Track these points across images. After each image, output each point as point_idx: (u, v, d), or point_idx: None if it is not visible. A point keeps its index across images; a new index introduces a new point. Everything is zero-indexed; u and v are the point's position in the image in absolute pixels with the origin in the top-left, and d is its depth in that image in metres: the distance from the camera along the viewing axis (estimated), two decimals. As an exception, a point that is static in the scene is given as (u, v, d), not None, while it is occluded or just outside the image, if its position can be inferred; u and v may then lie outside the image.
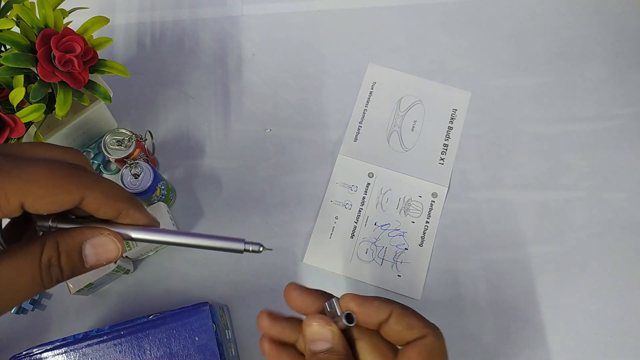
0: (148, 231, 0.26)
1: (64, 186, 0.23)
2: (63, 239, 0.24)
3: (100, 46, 0.49)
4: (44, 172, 0.22)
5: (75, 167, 0.24)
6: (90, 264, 0.25)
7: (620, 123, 0.64)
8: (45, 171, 0.22)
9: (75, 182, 0.23)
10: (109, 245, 0.25)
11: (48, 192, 0.22)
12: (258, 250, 0.27)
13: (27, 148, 0.24)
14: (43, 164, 0.23)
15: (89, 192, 0.24)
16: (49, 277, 0.24)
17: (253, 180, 0.62)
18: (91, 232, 0.25)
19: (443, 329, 0.38)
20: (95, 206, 0.24)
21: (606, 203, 0.61)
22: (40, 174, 0.22)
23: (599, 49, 0.68)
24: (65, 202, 0.23)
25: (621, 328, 0.56)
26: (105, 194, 0.24)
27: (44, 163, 0.23)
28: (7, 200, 0.22)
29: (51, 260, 0.24)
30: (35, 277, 0.23)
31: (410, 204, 0.61)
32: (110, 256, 0.25)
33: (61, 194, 0.23)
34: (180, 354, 0.46)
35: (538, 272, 0.58)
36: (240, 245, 0.27)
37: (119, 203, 0.25)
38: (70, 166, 0.24)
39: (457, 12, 0.70)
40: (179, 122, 0.64)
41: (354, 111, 0.65)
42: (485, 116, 0.65)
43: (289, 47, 0.68)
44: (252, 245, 0.27)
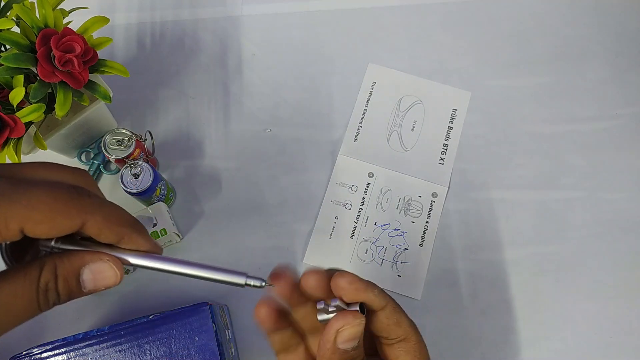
0: (150, 258, 0.26)
1: (64, 211, 0.22)
2: (62, 263, 0.24)
3: (100, 46, 0.49)
4: (44, 197, 0.22)
5: (78, 190, 0.24)
6: (88, 289, 0.25)
7: (620, 123, 0.64)
8: (46, 196, 0.22)
9: (76, 207, 0.23)
10: (107, 272, 0.25)
11: (48, 217, 0.22)
12: (260, 285, 0.27)
13: (30, 169, 0.24)
14: (44, 188, 0.22)
15: (90, 217, 0.23)
16: (45, 301, 0.24)
17: (253, 180, 0.62)
18: (90, 257, 0.25)
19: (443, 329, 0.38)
20: (96, 231, 0.24)
21: (606, 203, 0.61)
22: (40, 198, 0.22)
23: (599, 49, 0.68)
24: (65, 227, 0.23)
25: (621, 328, 0.56)
26: (107, 218, 0.24)
27: (45, 187, 0.22)
28: (6, 226, 0.21)
29: (48, 284, 0.23)
30: (32, 302, 0.23)
31: (410, 204, 0.61)
32: (108, 282, 0.25)
33: (61, 219, 0.22)
34: (180, 354, 0.46)
35: (538, 272, 0.58)
36: (241, 279, 0.27)
37: (121, 228, 0.25)
38: (72, 190, 0.23)
39: (457, 12, 0.70)
40: (179, 122, 0.64)
41: (354, 111, 0.65)
42: (485, 116, 0.65)
43: (289, 47, 0.68)
44: (254, 280, 0.27)
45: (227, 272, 0.27)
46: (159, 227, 0.55)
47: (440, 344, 0.56)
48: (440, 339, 0.56)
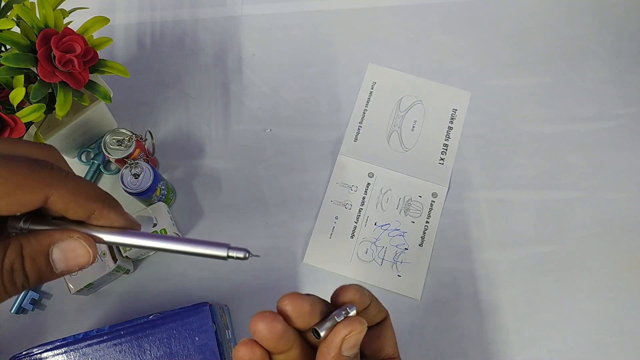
0: (124, 234, 0.24)
1: (24, 184, 0.21)
2: (28, 243, 0.22)
3: (100, 46, 0.49)
4: (1, 171, 0.21)
5: (42, 164, 0.22)
6: (60, 270, 0.23)
7: (620, 123, 0.64)
8: (3, 169, 0.21)
9: (37, 180, 0.21)
10: (79, 250, 0.23)
11: (7, 192, 0.21)
12: (244, 257, 0.25)
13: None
14: (1, 162, 0.21)
15: (54, 190, 0.22)
16: (12, 283, 0.22)
17: (253, 180, 0.62)
18: (60, 235, 0.23)
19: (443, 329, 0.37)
20: (62, 206, 0.22)
21: (606, 203, 0.61)
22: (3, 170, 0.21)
23: (599, 49, 0.68)
24: (27, 202, 0.21)
25: (621, 328, 0.56)
26: (74, 192, 0.22)
27: (3, 161, 0.21)
28: None
29: (14, 265, 0.22)
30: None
31: (410, 204, 0.61)
32: (80, 262, 0.23)
33: (22, 193, 0.21)
34: (180, 354, 0.46)
35: (538, 272, 0.58)
36: (223, 251, 0.25)
37: (89, 202, 0.23)
38: (32, 162, 0.22)
39: (457, 12, 0.70)
40: (179, 122, 0.64)
41: (354, 111, 0.65)
42: (485, 116, 0.65)
43: (289, 47, 0.68)
44: (237, 252, 0.25)
45: (208, 245, 0.24)
46: (159, 227, 0.55)
47: (440, 344, 0.56)
48: (440, 339, 0.56)
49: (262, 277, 0.58)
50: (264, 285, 0.58)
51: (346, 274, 0.58)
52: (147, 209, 0.55)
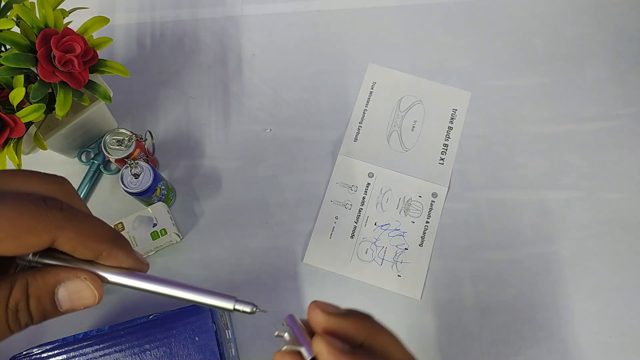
0: (131, 276, 0.24)
1: (30, 227, 0.21)
2: (34, 282, 0.22)
3: (100, 46, 0.49)
4: (8, 213, 0.20)
5: (48, 203, 0.22)
6: (65, 309, 0.23)
7: (620, 123, 0.64)
8: (10, 211, 0.20)
9: (44, 222, 0.21)
10: (84, 291, 0.23)
11: (13, 235, 0.20)
12: (251, 311, 0.24)
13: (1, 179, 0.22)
14: (9, 202, 0.21)
15: (60, 232, 0.21)
16: (16, 322, 0.22)
17: (253, 180, 0.62)
18: (66, 275, 0.23)
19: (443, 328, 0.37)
20: (69, 247, 0.22)
21: (606, 203, 0.61)
22: (3, 214, 0.20)
23: (599, 49, 0.68)
24: (33, 244, 0.21)
25: (621, 328, 0.56)
26: (81, 233, 0.22)
27: (10, 201, 0.21)
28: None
29: (19, 304, 0.22)
30: (2, 324, 0.21)
31: (410, 204, 0.61)
32: (85, 302, 0.23)
33: (27, 236, 0.21)
34: (180, 354, 0.46)
35: (538, 272, 0.58)
36: (230, 304, 0.24)
37: (97, 244, 0.23)
38: (40, 203, 0.21)
39: (457, 12, 0.70)
40: (179, 122, 0.64)
41: (354, 111, 0.65)
42: (485, 116, 0.65)
43: (289, 47, 0.68)
44: (244, 305, 0.24)
45: (215, 296, 0.24)
46: (159, 227, 0.55)
47: (440, 344, 0.56)
48: (440, 339, 0.56)
49: (262, 277, 0.58)
50: (264, 285, 0.58)
51: (346, 274, 0.58)
52: (147, 209, 0.55)
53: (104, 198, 0.61)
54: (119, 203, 0.60)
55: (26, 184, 0.23)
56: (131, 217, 0.55)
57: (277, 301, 0.57)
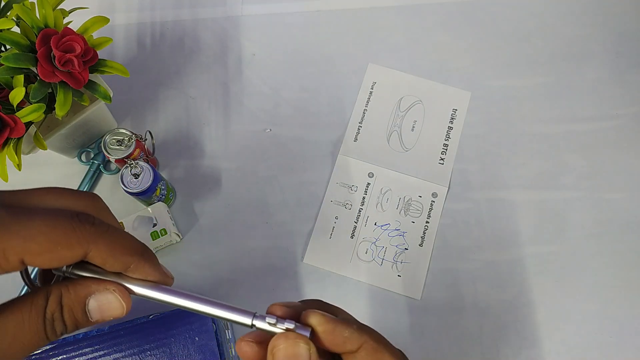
0: (158, 290, 0.25)
1: (64, 241, 0.22)
2: (67, 293, 0.23)
3: (100, 46, 0.49)
4: (43, 227, 0.21)
5: (81, 217, 0.23)
6: (95, 319, 0.24)
7: (620, 123, 0.64)
8: (45, 226, 0.21)
9: (77, 236, 0.22)
10: (113, 303, 0.24)
11: (47, 249, 0.21)
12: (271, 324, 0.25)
13: (34, 196, 0.23)
14: (44, 217, 0.22)
15: (93, 246, 0.22)
16: (52, 331, 0.23)
17: (253, 180, 0.62)
18: (96, 287, 0.24)
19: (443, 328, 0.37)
20: (100, 260, 0.23)
21: (606, 203, 0.61)
22: (39, 228, 0.21)
23: (599, 49, 0.68)
24: (66, 257, 0.22)
25: (621, 328, 0.56)
26: (112, 247, 0.23)
27: (45, 216, 0.22)
28: (5, 258, 0.21)
29: (54, 314, 0.23)
30: (40, 332, 0.23)
31: (410, 204, 0.61)
32: (114, 313, 0.24)
33: (61, 250, 0.22)
34: (180, 354, 0.46)
35: (538, 272, 0.58)
36: (248, 319, 0.25)
37: (126, 257, 0.24)
38: (74, 217, 0.22)
39: (457, 12, 0.70)
40: (179, 122, 0.64)
41: (354, 111, 0.65)
42: (485, 116, 0.65)
43: (289, 47, 0.68)
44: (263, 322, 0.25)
45: (235, 311, 0.25)
46: (159, 227, 0.55)
47: (440, 344, 0.56)
48: (440, 339, 0.56)
49: (262, 277, 0.58)
50: (264, 285, 0.58)
51: (346, 274, 0.58)
52: (147, 209, 0.55)
53: (104, 198, 0.60)
54: (119, 203, 0.60)
55: (59, 200, 0.24)
56: (131, 217, 0.55)
57: (277, 301, 0.57)
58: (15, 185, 0.57)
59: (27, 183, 0.60)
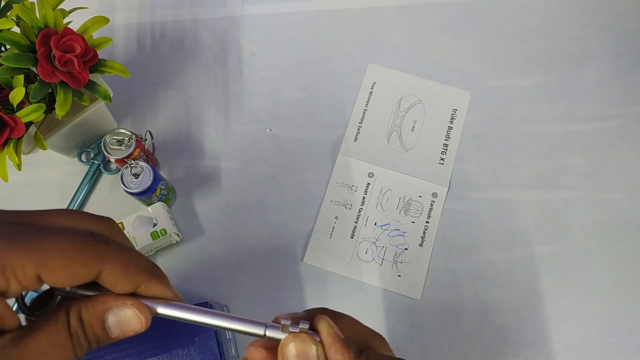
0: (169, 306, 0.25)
1: (80, 259, 0.22)
2: (85, 309, 0.23)
3: (100, 46, 0.49)
4: (60, 244, 0.22)
5: (95, 237, 0.23)
6: (115, 335, 0.24)
7: (620, 123, 0.64)
8: (62, 243, 0.22)
9: (92, 254, 0.22)
10: (132, 318, 0.24)
11: (64, 265, 0.21)
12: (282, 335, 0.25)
13: (50, 216, 0.24)
14: (61, 235, 0.22)
15: (106, 264, 0.23)
16: (80, 348, 0.23)
17: (253, 180, 0.62)
18: (114, 302, 0.24)
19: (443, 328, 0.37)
20: (112, 280, 0.23)
21: (606, 203, 0.61)
22: (57, 245, 0.22)
23: (599, 49, 0.68)
24: (81, 275, 0.22)
25: (621, 328, 0.56)
26: (124, 266, 0.23)
27: (63, 234, 0.22)
28: (24, 273, 0.21)
29: (77, 330, 0.23)
30: (69, 349, 0.23)
31: (410, 204, 0.61)
32: (134, 328, 0.24)
33: (78, 267, 0.22)
34: (180, 354, 0.46)
35: (538, 272, 0.58)
36: (260, 330, 0.25)
37: (138, 276, 0.24)
38: (89, 236, 0.23)
39: (457, 12, 0.70)
40: (179, 122, 0.64)
41: (354, 111, 0.65)
42: (485, 116, 0.65)
43: (289, 47, 0.68)
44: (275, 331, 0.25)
45: (247, 322, 0.25)
46: (159, 227, 0.55)
47: (440, 344, 0.56)
48: (440, 339, 0.56)
49: (262, 277, 0.58)
50: (264, 285, 0.58)
51: (346, 274, 0.58)
52: (147, 209, 0.55)
53: (104, 198, 0.61)
54: (119, 203, 0.60)
55: (74, 221, 0.24)
56: (131, 217, 0.55)
57: (277, 301, 0.57)
58: (15, 185, 0.57)
59: (27, 183, 0.60)
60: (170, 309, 0.25)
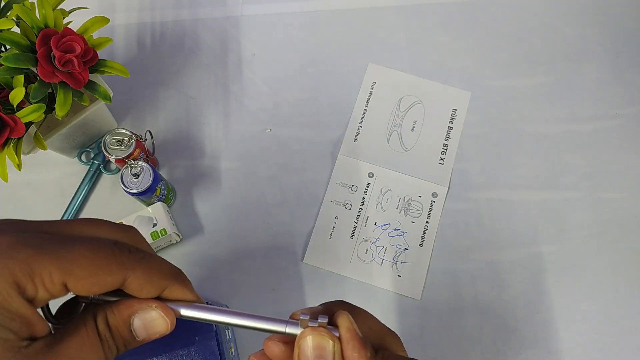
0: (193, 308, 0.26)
1: (105, 267, 0.22)
2: (111, 314, 0.24)
3: (100, 46, 0.49)
4: (86, 252, 0.22)
5: (119, 246, 0.24)
6: (142, 338, 0.24)
7: (620, 123, 0.64)
8: (88, 251, 0.22)
9: (117, 263, 0.23)
10: (157, 320, 0.24)
11: (90, 273, 0.22)
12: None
13: (74, 226, 0.24)
14: (87, 243, 0.23)
15: (131, 272, 0.23)
16: (109, 351, 0.24)
17: (253, 180, 0.62)
18: (139, 305, 0.24)
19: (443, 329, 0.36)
20: (137, 287, 0.24)
21: (606, 203, 0.61)
22: (82, 253, 0.22)
23: (599, 49, 0.68)
24: (107, 283, 0.23)
25: (621, 328, 0.56)
26: (149, 272, 0.24)
27: (88, 243, 0.23)
28: (51, 280, 0.21)
29: (105, 334, 0.23)
30: (100, 353, 0.23)
31: (410, 204, 0.61)
32: (159, 330, 0.25)
33: (103, 275, 0.22)
34: (180, 354, 0.46)
35: (538, 272, 0.58)
36: (281, 327, 0.26)
37: (162, 281, 0.24)
38: (113, 245, 0.23)
39: (457, 12, 0.70)
40: (179, 122, 0.64)
41: (354, 111, 0.65)
42: (485, 116, 0.65)
43: (289, 47, 0.68)
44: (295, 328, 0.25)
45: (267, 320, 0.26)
46: (159, 227, 0.55)
47: (440, 344, 0.56)
48: (440, 339, 0.56)
49: (262, 277, 0.58)
50: (264, 285, 0.58)
51: (346, 274, 0.58)
52: (147, 209, 0.55)
53: (104, 198, 0.61)
54: (119, 203, 0.60)
55: (98, 231, 0.25)
56: (131, 217, 0.55)
57: (277, 301, 0.57)
58: (15, 185, 0.57)
59: (27, 183, 0.60)
60: (194, 310, 0.26)
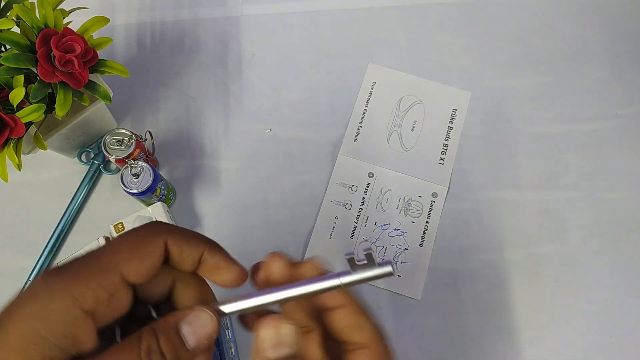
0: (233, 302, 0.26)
1: (146, 238, 0.25)
2: (158, 324, 0.25)
3: (100, 46, 0.49)
4: (127, 236, 0.25)
5: (152, 222, 0.26)
6: (192, 344, 0.25)
7: (620, 123, 0.64)
8: (128, 234, 0.25)
9: (153, 231, 0.25)
10: (203, 318, 0.25)
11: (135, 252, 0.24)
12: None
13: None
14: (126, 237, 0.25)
15: (169, 236, 0.25)
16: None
17: (253, 180, 0.62)
18: (184, 312, 0.25)
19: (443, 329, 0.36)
20: (177, 249, 0.25)
21: (606, 203, 0.61)
22: (124, 238, 0.25)
23: (599, 49, 0.68)
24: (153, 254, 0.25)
25: (621, 328, 0.56)
26: (184, 235, 0.26)
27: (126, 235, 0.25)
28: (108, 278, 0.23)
29: (151, 346, 0.24)
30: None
31: (410, 204, 0.61)
32: (207, 330, 0.25)
33: (145, 247, 0.24)
34: (180, 354, 0.46)
35: (538, 272, 0.58)
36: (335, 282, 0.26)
37: (198, 243, 0.26)
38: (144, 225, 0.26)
39: (457, 12, 0.70)
40: (179, 122, 0.64)
41: (354, 111, 0.65)
42: (485, 116, 0.65)
43: (289, 47, 0.68)
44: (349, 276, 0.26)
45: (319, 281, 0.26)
46: (159, 227, 0.54)
47: (440, 344, 0.56)
48: (440, 339, 0.56)
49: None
50: (264, 285, 0.57)
51: (346, 274, 0.58)
52: (147, 209, 0.55)
53: (104, 198, 0.61)
54: (119, 203, 0.60)
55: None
56: (131, 217, 0.55)
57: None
58: (15, 185, 0.57)
59: (27, 183, 0.60)
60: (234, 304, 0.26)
